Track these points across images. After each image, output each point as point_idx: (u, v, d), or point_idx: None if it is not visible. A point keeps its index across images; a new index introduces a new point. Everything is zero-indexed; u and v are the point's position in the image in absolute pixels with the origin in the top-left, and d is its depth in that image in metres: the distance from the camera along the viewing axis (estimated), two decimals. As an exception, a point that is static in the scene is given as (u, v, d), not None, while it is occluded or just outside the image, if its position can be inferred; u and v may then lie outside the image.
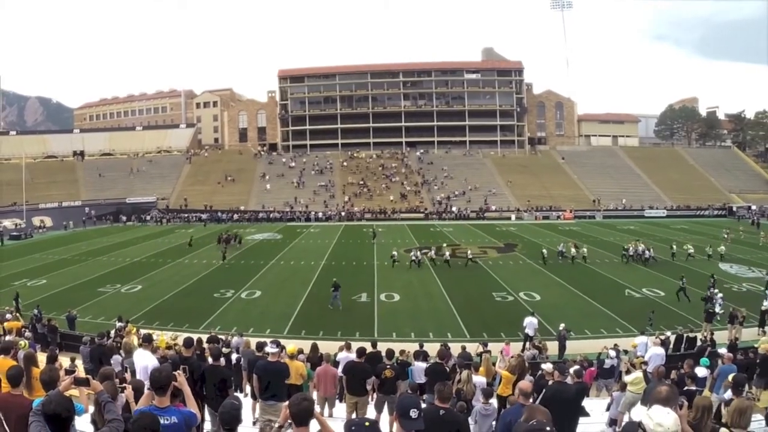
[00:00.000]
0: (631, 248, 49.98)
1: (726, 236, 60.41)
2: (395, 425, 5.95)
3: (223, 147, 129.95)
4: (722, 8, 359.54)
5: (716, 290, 33.59)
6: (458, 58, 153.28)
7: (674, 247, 50.74)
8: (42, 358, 11.80)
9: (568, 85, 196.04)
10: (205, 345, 13.37)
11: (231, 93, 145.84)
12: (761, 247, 56.01)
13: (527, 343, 25.51)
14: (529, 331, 26.01)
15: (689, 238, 58.75)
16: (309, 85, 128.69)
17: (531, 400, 8.03)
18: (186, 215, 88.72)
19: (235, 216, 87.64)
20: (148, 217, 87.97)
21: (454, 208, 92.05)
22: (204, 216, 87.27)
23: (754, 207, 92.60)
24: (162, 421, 5.46)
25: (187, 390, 6.49)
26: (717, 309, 31.62)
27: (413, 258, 47.58)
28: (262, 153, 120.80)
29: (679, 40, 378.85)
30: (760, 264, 46.98)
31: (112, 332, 21.77)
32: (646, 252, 48.83)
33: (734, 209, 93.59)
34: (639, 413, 4.69)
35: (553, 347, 25.21)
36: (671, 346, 23.67)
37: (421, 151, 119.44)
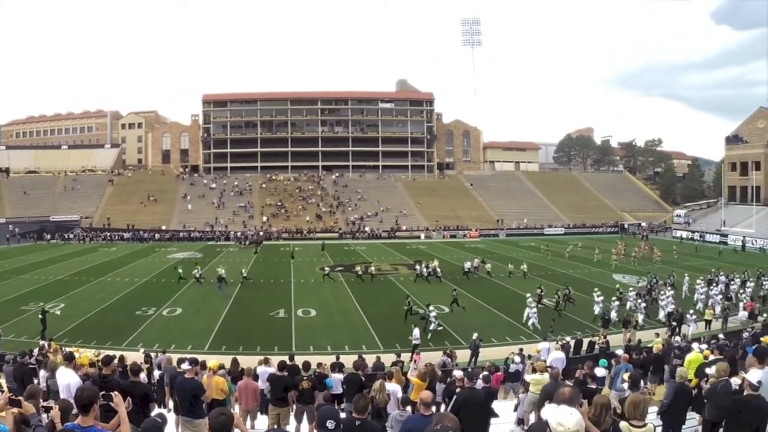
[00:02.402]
0: (468, 264, 52.00)
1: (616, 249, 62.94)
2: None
3: (146, 168, 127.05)
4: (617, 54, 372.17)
5: (600, 295, 35.29)
6: (374, 88, 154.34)
7: (511, 266, 52.93)
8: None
9: (475, 115, 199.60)
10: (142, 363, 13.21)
11: (156, 115, 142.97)
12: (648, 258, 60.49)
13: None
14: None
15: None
16: (231, 109, 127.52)
17: (433, 410, 8.22)
18: (109, 234, 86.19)
19: (157, 235, 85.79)
20: (72, 236, 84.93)
21: (367, 228, 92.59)
22: (126, 235, 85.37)
23: (643, 224, 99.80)
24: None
25: (122, 412, 6.32)
26: (596, 310, 33.75)
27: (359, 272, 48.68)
28: (184, 174, 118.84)
29: (577, 75, 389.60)
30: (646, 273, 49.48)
31: (35, 351, 21.21)
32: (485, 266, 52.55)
33: (626, 226, 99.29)
34: (547, 413, 4.85)
35: (464, 355, 25.69)
36: (572, 350, 24.49)
37: (337, 174, 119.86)
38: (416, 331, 27.59)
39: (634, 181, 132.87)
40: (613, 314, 33.41)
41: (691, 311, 33.04)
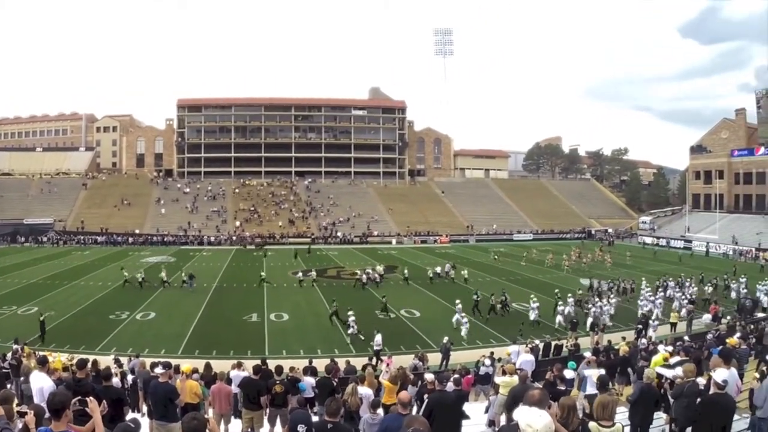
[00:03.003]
0: (438, 269, 53.31)
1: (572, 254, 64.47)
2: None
3: (120, 171, 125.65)
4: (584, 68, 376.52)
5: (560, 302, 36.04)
6: (347, 95, 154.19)
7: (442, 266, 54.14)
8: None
9: (446, 123, 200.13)
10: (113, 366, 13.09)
11: (131, 119, 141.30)
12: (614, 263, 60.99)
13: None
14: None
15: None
16: (206, 114, 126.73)
17: (410, 410, 8.24)
18: (82, 238, 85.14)
19: (131, 239, 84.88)
20: (45, 239, 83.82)
21: (339, 233, 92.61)
22: (100, 238, 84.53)
23: (610, 230, 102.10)
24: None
25: (98, 418, 6.15)
26: (531, 317, 34.00)
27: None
28: (159, 178, 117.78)
29: (547, 86, 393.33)
30: (610, 276, 50.78)
31: (8, 355, 20.93)
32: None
33: (593, 232, 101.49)
34: (517, 415, 4.87)
35: (435, 358, 25.72)
36: (541, 352, 24.67)
37: (309, 180, 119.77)
38: (378, 337, 27.37)
39: (601, 188, 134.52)
40: (559, 318, 34.15)
41: (653, 317, 33.35)
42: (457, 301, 34.85)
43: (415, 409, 8.28)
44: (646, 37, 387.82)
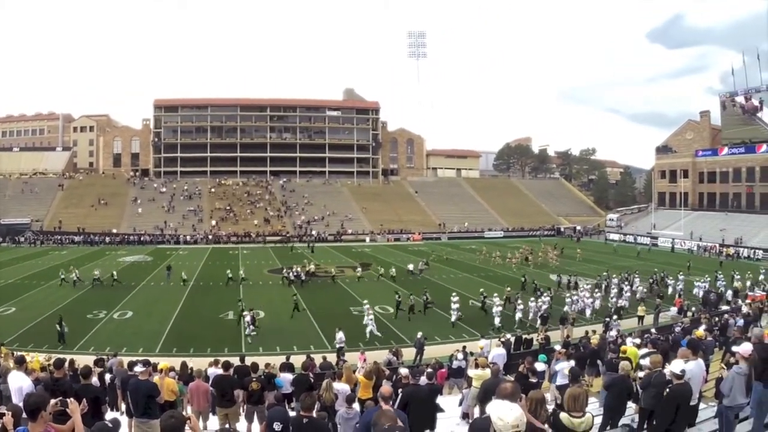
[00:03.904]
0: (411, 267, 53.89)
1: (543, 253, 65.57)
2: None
3: (97, 171, 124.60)
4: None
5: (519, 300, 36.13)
6: (321, 96, 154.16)
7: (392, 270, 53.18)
8: None
9: (419, 123, 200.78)
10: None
11: (108, 119, 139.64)
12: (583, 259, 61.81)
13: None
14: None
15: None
16: (182, 114, 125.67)
17: (391, 404, 8.27)
18: (60, 237, 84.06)
19: (107, 239, 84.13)
20: (23, 239, 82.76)
21: (313, 232, 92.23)
22: (77, 238, 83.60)
23: (578, 227, 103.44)
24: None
25: (77, 419, 6.01)
26: (453, 316, 33.80)
27: (285, 275, 48.50)
28: (135, 178, 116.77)
29: (517, 87, 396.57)
30: (582, 273, 51.74)
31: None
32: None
33: (562, 230, 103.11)
34: (490, 408, 4.87)
35: (409, 353, 26.04)
36: (512, 346, 24.82)
37: (284, 179, 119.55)
38: (340, 335, 27.17)
39: (569, 187, 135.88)
40: (495, 316, 33.84)
41: (615, 315, 33.44)
42: (365, 302, 34.32)
43: (390, 404, 8.29)
44: (616, 43, 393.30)
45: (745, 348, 9.41)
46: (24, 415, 5.77)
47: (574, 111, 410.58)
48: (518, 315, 34.20)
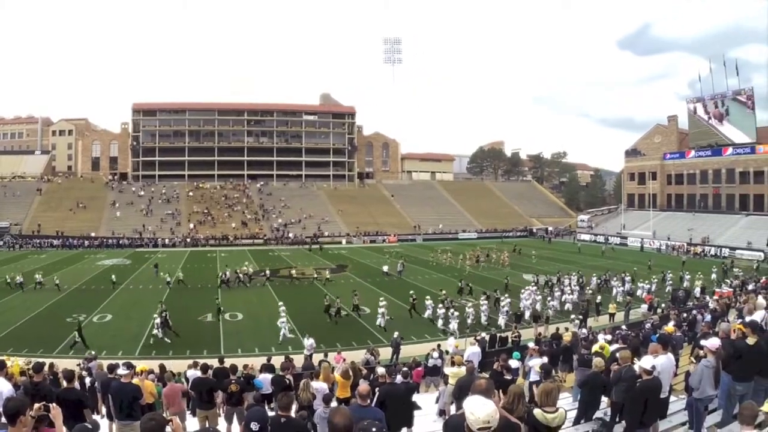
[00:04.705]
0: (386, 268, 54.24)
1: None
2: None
3: (76, 175, 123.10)
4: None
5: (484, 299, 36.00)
6: (298, 101, 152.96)
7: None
8: None
9: (394, 128, 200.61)
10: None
11: (86, 123, 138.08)
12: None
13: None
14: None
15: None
16: (160, 118, 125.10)
17: (369, 402, 8.29)
18: (38, 241, 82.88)
19: (86, 242, 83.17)
20: (1, 243, 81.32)
21: (290, 234, 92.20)
22: (56, 242, 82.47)
23: (550, 228, 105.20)
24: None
25: (60, 425, 5.84)
26: (379, 322, 33.36)
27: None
28: (114, 182, 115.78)
29: (490, 92, 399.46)
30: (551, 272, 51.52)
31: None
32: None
33: (534, 231, 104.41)
34: (465, 403, 4.90)
35: (386, 352, 25.98)
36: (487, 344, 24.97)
37: (262, 183, 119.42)
38: (310, 341, 26.67)
39: (541, 189, 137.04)
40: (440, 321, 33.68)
41: (573, 315, 33.69)
42: (281, 303, 34.45)
43: (368, 402, 8.33)
44: (588, 49, 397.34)
45: (713, 342, 9.61)
46: (3, 420, 5.68)
47: (545, 115, 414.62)
48: (501, 317, 34.43)
